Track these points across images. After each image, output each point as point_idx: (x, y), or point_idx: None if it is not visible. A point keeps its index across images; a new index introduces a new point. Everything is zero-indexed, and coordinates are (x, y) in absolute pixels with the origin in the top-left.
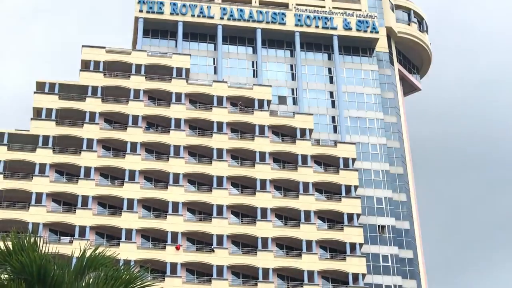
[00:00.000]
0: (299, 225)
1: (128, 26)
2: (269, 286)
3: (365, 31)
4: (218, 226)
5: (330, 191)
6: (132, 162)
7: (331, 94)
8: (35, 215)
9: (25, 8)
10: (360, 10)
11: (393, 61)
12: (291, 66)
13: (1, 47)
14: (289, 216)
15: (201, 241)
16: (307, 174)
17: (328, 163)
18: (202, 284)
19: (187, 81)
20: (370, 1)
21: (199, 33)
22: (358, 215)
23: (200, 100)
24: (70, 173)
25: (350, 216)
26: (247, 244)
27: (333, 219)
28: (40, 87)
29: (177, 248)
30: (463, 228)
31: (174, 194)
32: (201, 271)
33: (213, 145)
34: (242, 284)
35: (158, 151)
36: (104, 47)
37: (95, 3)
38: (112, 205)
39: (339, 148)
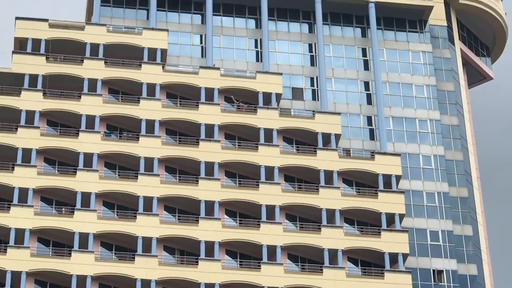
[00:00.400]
0: (321, 269)
1: None
2: None
3: None
4: (208, 272)
5: (365, 221)
6: (86, 181)
7: (366, 85)
8: None
9: None
10: None
11: (453, 39)
12: (310, 45)
13: None
14: (307, 258)
15: None
16: (333, 198)
17: (362, 182)
18: None
19: (163, 67)
20: None
21: (181, 0)
22: (405, 256)
23: (181, 94)
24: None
25: (394, 257)
26: None
27: (369, 262)
28: None
29: None
30: None
31: (146, 227)
32: None
33: (200, 157)
34: None
35: (123, 166)
36: (46, 20)
37: None
38: (59, 242)
39: (377, 161)
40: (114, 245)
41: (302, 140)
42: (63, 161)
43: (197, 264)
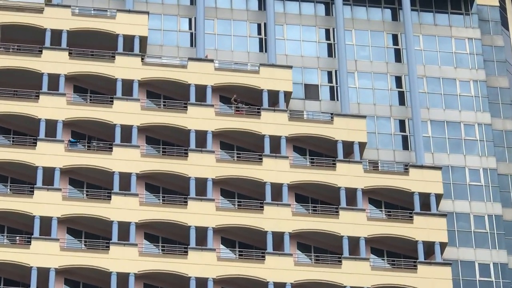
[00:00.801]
0: None
1: None
2: None
3: None
4: None
5: (398, 252)
6: (46, 203)
7: (399, 80)
8: None
9: None
10: None
11: (507, 23)
12: (327, 31)
13: None
14: None
15: None
16: (357, 224)
17: (393, 203)
18: None
19: (142, 59)
20: None
21: None
22: None
23: (166, 93)
24: None
25: None
26: None
27: None
28: None
29: None
30: None
31: (121, 260)
32: None
33: (189, 172)
34: None
35: (92, 183)
36: None
37: None
38: (12, 280)
39: (412, 176)
40: (81, 283)
41: (318, 151)
42: (17, 178)
43: None
